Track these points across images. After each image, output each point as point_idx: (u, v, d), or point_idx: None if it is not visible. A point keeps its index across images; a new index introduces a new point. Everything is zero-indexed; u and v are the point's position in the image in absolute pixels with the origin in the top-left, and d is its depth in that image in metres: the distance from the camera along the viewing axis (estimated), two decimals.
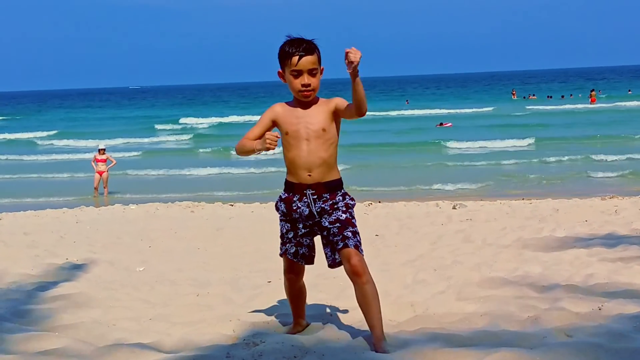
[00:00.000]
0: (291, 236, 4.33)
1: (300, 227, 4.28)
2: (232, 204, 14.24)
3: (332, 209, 4.17)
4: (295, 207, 4.22)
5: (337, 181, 4.25)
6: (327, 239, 4.21)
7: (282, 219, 4.36)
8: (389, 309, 4.88)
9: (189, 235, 9.80)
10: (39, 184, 22.38)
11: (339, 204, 4.19)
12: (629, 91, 65.79)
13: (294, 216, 4.25)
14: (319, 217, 4.19)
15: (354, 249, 4.08)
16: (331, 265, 4.28)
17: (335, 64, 4.33)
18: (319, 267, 4.56)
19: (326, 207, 4.17)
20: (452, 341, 4.14)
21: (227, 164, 24.89)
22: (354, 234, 4.13)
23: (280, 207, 4.32)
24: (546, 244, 7.78)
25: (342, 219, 4.16)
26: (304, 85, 4.14)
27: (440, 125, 39.41)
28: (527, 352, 3.79)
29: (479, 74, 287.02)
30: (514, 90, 74.21)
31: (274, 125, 4.32)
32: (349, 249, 4.08)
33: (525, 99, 64.60)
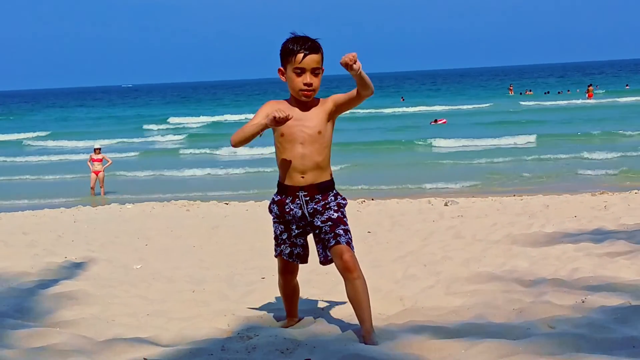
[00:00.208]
0: (285, 237, 4.36)
1: (293, 227, 4.31)
2: (227, 202, 14.37)
3: (324, 208, 4.20)
4: (288, 209, 4.24)
5: (329, 182, 4.27)
6: (319, 237, 4.25)
7: (275, 221, 4.37)
8: (379, 304, 5.01)
9: (185, 233, 9.91)
10: (35, 185, 22.44)
11: (330, 203, 4.22)
12: (626, 86, 65.78)
13: (287, 218, 4.28)
14: (311, 218, 4.22)
15: (346, 245, 4.12)
16: (323, 262, 4.31)
17: (329, 61, 4.21)
18: (312, 264, 4.69)
19: (318, 207, 4.19)
20: (439, 333, 4.25)
21: (222, 165, 24.96)
22: (345, 232, 4.17)
23: (273, 210, 4.34)
24: (535, 239, 7.90)
25: (333, 217, 4.19)
26: (306, 84, 4.10)
27: (434, 122, 39.36)
28: (511, 343, 3.89)
29: (475, 69, 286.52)
30: (512, 85, 73.99)
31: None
32: (341, 246, 4.12)
33: (522, 94, 64.51)
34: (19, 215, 13.31)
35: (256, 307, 5.31)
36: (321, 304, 5.38)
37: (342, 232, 4.16)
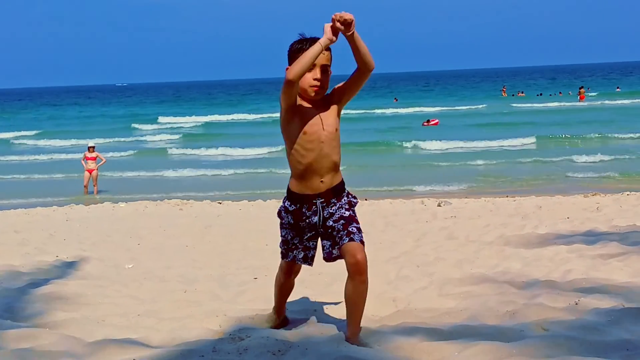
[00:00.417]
0: (297, 242, 4.30)
1: (306, 231, 4.25)
2: (220, 202, 14.33)
3: (336, 209, 4.17)
4: (304, 217, 4.19)
5: (342, 183, 4.26)
6: (329, 235, 4.17)
7: (285, 227, 4.29)
8: (371, 305, 4.97)
9: (178, 232, 9.87)
10: (26, 183, 22.33)
11: (342, 202, 4.19)
12: (617, 88, 66.12)
13: (302, 225, 4.22)
14: (324, 222, 4.17)
15: (359, 243, 4.06)
16: (327, 258, 4.24)
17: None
18: (306, 265, 4.67)
19: (333, 210, 4.16)
20: (432, 335, 4.23)
21: (215, 165, 24.90)
22: (358, 230, 4.12)
23: (285, 218, 4.26)
24: (528, 240, 7.91)
25: (345, 215, 4.14)
26: (316, 79, 4.03)
27: (427, 122, 39.33)
28: (504, 345, 3.87)
29: (468, 71, 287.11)
30: (505, 87, 74.05)
31: (294, 108, 4.07)
32: (355, 244, 4.04)
33: (514, 96, 64.68)
34: (10, 213, 13.26)
35: (248, 308, 5.29)
36: (314, 305, 5.35)
37: (355, 229, 4.10)
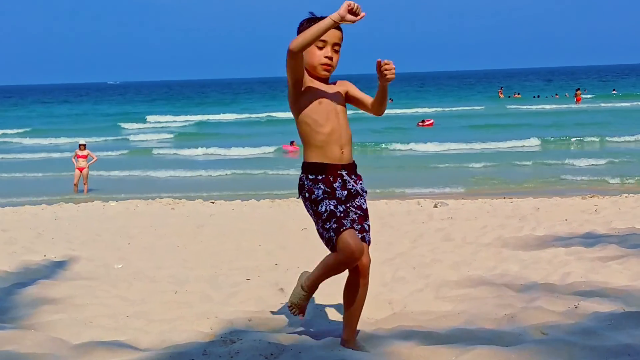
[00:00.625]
0: (342, 209, 3.86)
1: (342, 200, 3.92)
2: (213, 201, 14.20)
3: (359, 189, 3.97)
4: (336, 186, 3.88)
5: (355, 164, 4.07)
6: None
7: (324, 198, 3.84)
8: (367, 307, 4.84)
9: (169, 232, 9.75)
10: (14, 181, 22.19)
11: (362, 185, 4.01)
12: (613, 90, 66.33)
13: (337, 195, 3.88)
14: (346, 199, 3.90)
15: (368, 245, 3.95)
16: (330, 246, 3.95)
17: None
18: (300, 265, 4.55)
19: (359, 189, 3.97)
20: (429, 338, 4.15)
21: (207, 165, 24.78)
22: (369, 228, 4.00)
23: (318, 188, 3.85)
24: (525, 242, 7.83)
25: (364, 207, 3.99)
26: (327, 57, 3.88)
27: (422, 122, 39.23)
28: (503, 350, 3.79)
29: (464, 72, 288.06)
30: (501, 88, 74.04)
31: (302, 84, 3.90)
32: (365, 244, 3.92)
33: (510, 97, 64.75)
34: None
35: (240, 310, 5.19)
36: (308, 307, 5.22)
37: (367, 227, 3.98)
